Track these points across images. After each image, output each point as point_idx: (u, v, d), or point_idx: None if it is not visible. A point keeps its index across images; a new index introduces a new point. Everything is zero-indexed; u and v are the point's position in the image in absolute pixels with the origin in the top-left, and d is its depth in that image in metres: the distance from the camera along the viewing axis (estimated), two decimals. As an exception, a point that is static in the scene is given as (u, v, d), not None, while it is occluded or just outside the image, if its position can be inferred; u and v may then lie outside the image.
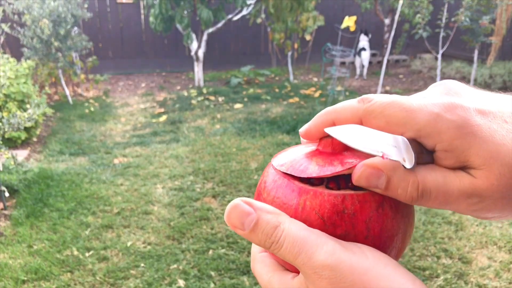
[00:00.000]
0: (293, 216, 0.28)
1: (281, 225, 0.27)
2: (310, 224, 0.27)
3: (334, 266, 0.25)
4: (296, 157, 0.31)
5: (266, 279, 0.30)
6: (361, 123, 0.29)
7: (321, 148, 0.31)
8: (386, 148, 0.27)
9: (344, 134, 0.28)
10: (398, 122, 0.27)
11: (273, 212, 0.27)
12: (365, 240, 0.27)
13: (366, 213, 0.27)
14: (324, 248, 0.26)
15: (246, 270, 2.16)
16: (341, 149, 0.30)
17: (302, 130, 0.32)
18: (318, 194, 0.28)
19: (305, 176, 0.29)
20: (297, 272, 0.29)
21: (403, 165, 0.26)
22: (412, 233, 0.31)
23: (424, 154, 0.27)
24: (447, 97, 0.27)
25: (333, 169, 0.28)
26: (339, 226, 0.27)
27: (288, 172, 0.29)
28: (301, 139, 0.34)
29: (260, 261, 0.31)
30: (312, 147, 0.32)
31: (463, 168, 0.26)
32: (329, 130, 0.28)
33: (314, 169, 0.29)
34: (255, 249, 0.33)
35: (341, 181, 0.28)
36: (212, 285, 2.05)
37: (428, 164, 0.27)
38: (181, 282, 2.07)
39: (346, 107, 0.30)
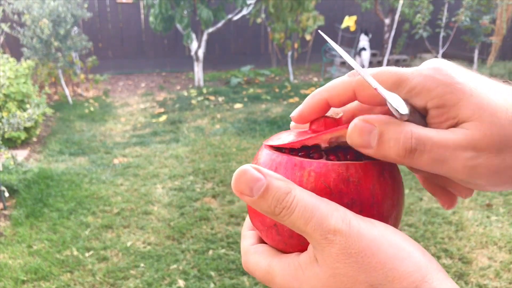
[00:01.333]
0: None
1: (292, 191, 0.26)
2: (316, 194, 0.27)
3: (345, 232, 0.25)
4: (290, 135, 0.31)
5: (264, 267, 0.29)
6: (354, 96, 0.30)
7: (314, 127, 0.31)
8: (382, 88, 0.27)
9: (344, 53, 0.29)
10: (390, 86, 0.28)
11: (283, 179, 0.27)
12: (370, 208, 0.28)
13: (369, 180, 0.28)
14: (335, 214, 0.25)
15: (246, 270, 2.15)
16: (334, 127, 0.30)
17: (294, 113, 0.32)
18: (322, 165, 0.28)
19: (301, 140, 0.29)
20: (297, 250, 0.29)
21: (397, 111, 0.27)
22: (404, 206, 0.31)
23: (417, 116, 0.28)
24: (436, 64, 0.28)
25: (326, 131, 0.29)
26: (345, 194, 0.27)
27: (285, 144, 0.30)
28: (291, 124, 0.34)
29: (253, 253, 0.31)
30: (303, 129, 0.32)
31: (456, 125, 0.27)
32: (332, 44, 0.30)
33: (310, 137, 0.30)
34: (245, 244, 0.32)
35: (340, 154, 0.29)
36: (212, 285, 2.05)
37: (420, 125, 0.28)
38: (181, 282, 2.07)
39: (337, 84, 0.30)
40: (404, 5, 6.74)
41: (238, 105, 5.38)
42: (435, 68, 0.27)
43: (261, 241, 0.32)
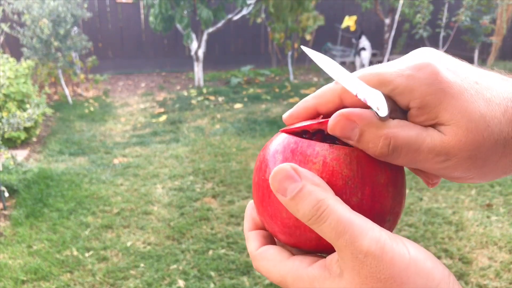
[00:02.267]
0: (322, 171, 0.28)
1: (326, 200, 0.26)
2: (327, 175, 0.28)
3: (377, 255, 0.24)
4: (303, 122, 0.32)
5: (275, 276, 0.29)
6: (341, 102, 0.30)
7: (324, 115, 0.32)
8: (363, 91, 0.28)
9: (325, 62, 0.30)
10: (373, 86, 0.28)
11: (320, 185, 0.27)
12: (371, 197, 0.28)
13: (373, 167, 0.29)
14: (370, 234, 0.25)
15: (246, 270, 2.15)
16: None
17: (285, 116, 0.33)
18: (330, 147, 0.29)
19: (308, 125, 0.30)
20: (305, 246, 0.29)
21: (376, 113, 0.27)
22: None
23: (398, 112, 0.28)
24: (420, 58, 0.28)
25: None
26: (349, 177, 0.28)
27: (295, 128, 0.31)
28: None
29: (260, 259, 0.30)
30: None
31: (434, 125, 0.27)
32: (308, 51, 0.31)
33: (317, 122, 0.31)
34: (250, 247, 0.32)
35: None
36: (212, 285, 2.05)
37: (402, 120, 0.28)
38: (181, 283, 2.07)
39: (324, 91, 0.31)
40: (404, 5, 6.74)
41: (238, 105, 5.38)
42: (419, 65, 0.27)
43: (265, 241, 0.32)
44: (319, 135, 0.30)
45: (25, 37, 5.12)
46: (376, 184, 0.28)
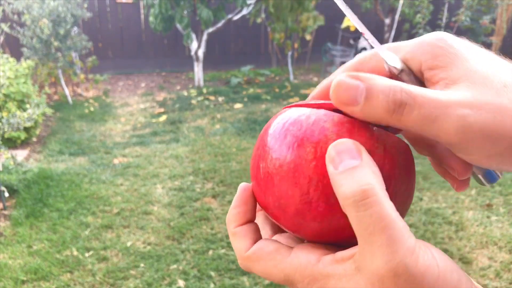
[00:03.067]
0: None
1: (376, 188, 0.23)
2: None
3: (411, 267, 0.23)
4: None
5: (279, 274, 0.26)
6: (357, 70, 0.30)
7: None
8: (382, 50, 0.28)
9: (354, 17, 0.30)
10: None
11: (376, 173, 0.24)
12: (394, 185, 0.26)
13: (395, 157, 0.27)
14: (408, 243, 0.23)
15: (246, 270, 2.15)
16: None
17: (308, 100, 0.33)
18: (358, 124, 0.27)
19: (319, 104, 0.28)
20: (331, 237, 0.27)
21: (391, 65, 0.27)
22: None
23: (413, 77, 0.28)
24: (434, 33, 0.28)
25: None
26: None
27: (307, 104, 0.29)
28: None
29: (255, 259, 0.27)
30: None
31: (446, 86, 0.26)
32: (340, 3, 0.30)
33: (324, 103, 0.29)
34: (239, 246, 0.28)
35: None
36: (212, 285, 2.05)
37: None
38: (181, 283, 2.07)
39: (345, 66, 0.31)
40: (404, 5, 6.74)
41: (238, 105, 5.38)
42: (432, 34, 0.28)
43: (256, 236, 0.29)
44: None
45: (25, 37, 5.12)
46: (411, 179, 0.26)
